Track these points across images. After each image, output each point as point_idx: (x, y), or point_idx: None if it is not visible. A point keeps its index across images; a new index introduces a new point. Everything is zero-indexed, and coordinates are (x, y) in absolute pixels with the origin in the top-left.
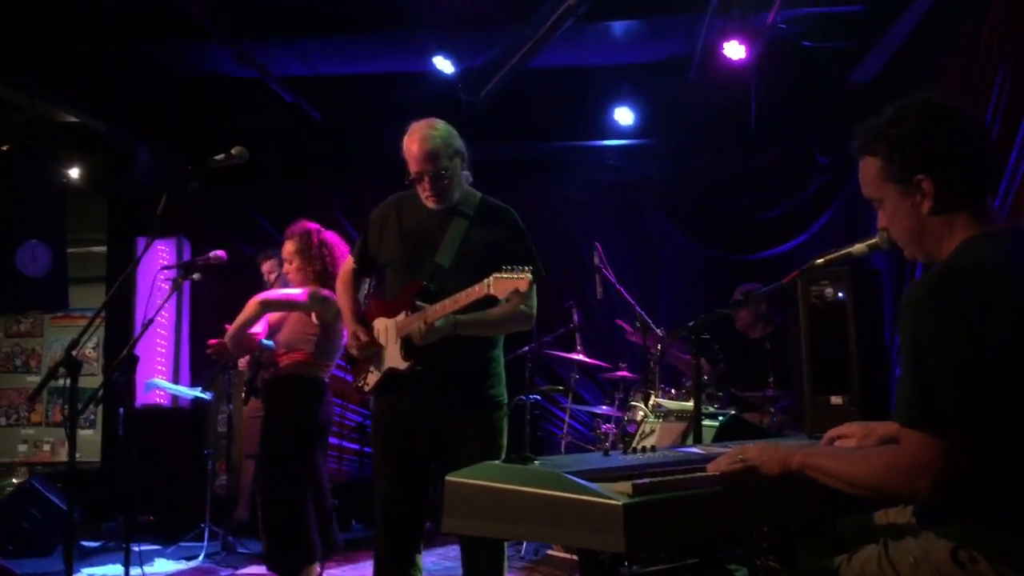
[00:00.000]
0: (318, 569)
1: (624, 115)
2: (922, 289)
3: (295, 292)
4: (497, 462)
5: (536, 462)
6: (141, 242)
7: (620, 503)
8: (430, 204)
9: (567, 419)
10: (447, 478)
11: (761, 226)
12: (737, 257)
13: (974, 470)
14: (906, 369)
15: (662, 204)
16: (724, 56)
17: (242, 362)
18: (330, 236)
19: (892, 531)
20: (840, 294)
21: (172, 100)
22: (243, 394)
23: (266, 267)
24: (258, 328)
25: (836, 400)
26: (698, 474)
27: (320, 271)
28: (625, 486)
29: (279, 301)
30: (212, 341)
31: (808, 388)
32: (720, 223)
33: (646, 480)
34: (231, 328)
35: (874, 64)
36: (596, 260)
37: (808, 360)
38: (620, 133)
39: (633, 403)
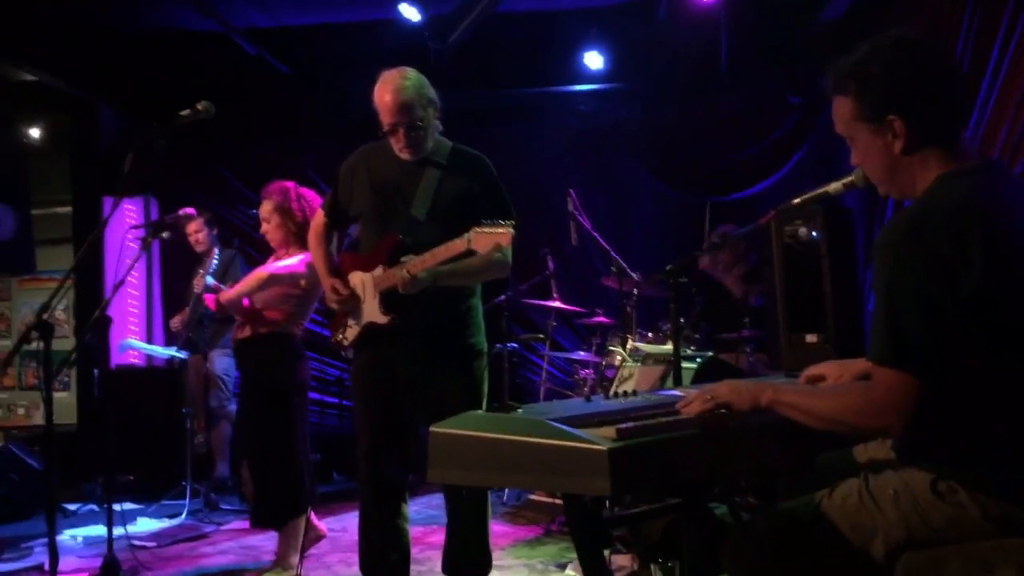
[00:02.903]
0: (313, 517)
1: (594, 59)
2: (896, 231)
3: (294, 263)
4: (480, 411)
5: (519, 410)
6: (107, 202)
7: (605, 448)
8: (404, 156)
9: (545, 366)
10: (431, 429)
11: (734, 167)
12: (711, 199)
13: (943, 408)
14: (879, 309)
15: (634, 148)
16: None
17: (175, 322)
18: (308, 192)
19: (872, 465)
20: (814, 233)
21: (133, 56)
22: (178, 359)
23: (193, 227)
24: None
25: (811, 338)
26: (681, 416)
27: (302, 226)
28: (609, 431)
29: (284, 275)
30: (209, 298)
31: (783, 327)
32: (693, 166)
33: (629, 424)
34: (230, 295)
35: (843, 1)
36: (570, 207)
37: (783, 299)
38: (590, 78)
39: (611, 348)
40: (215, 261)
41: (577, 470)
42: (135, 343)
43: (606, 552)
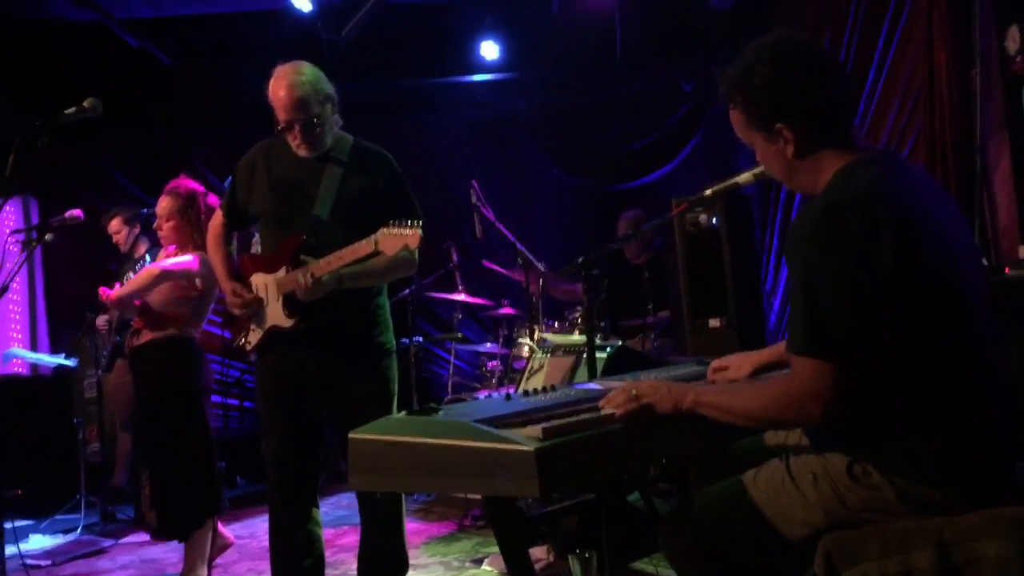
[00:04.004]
0: (219, 525)
1: (490, 49)
2: (808, 223)
3: (187, 260)
4: (401, 415)
5: (440, 412)
6: None
7: (532, 448)
8: (302, 152)
9: (452, 360)
10: (350, 436)
11: (631, 156)
12: (610, 187)
13: (863, 393)
14: (798, 301)
15: (533, 138)
16: None
17: (100, 322)
18: (215, 200)
19: (789, 448)
20: (714, 220)
21: (4, 48)
22: (106, 358)
23: (113, 226)
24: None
25: (714, 323)
26: (604, 412)
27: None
28: (534, 430)
29: (177, 271)
30: (104, 290)
31: (687, 312)
32: (591, 155)
33: (554, 423)
34: (121, 292)
35: None
36: (473, 198)
37: (686, 285)
38: (487, 68)
39: (520, 340)
40: (146, 262)
41: (504, 472)
42: (20, 352)
43: None
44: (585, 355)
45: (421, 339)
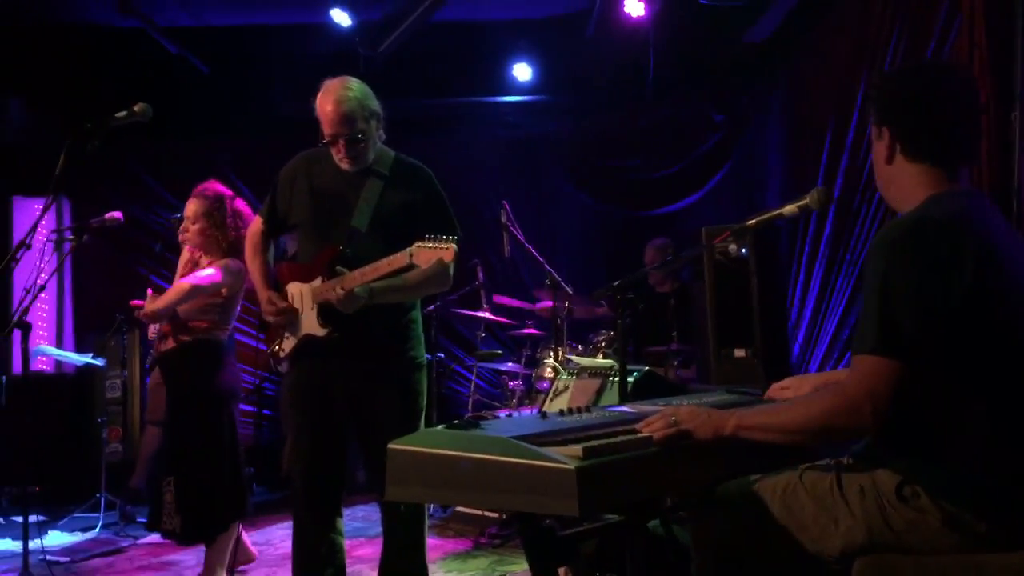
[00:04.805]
0: (244, 537)
1: (522, 71)
2: (897, 231)
3: (213, 274)
4: (440, 428)
5: (480, 427)
6: (16, 202)
7: (572, 467)
8: (344, 166)
9: (473, 378)
10: (389, 446)
11: (658, 183)
12: (634, 214)
13: (916, 405)
14: (871, 305)
15: (561, 161)
16: (623, 12)
17: (152, 330)
18: (243, 207)
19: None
20: (743, 250)
21: (48, 51)
22: (153, 357)
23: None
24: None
25: (739, 353)
26: (642, 434)
27: (233, 242)
28: (574, 449)
29: (208, 286)
30: (136, 303)
31: (713, 342)
32: (618, 180)
33: (595, 443)
34: (154, 307)
35: (768, 23)
36: (504, 218)
37: (713, 315)
38: (519, 89)
39: (544, 360)
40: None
41: (543, 489)
42: (49, 350)
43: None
44: (611, 378)
45: (443, 355)
